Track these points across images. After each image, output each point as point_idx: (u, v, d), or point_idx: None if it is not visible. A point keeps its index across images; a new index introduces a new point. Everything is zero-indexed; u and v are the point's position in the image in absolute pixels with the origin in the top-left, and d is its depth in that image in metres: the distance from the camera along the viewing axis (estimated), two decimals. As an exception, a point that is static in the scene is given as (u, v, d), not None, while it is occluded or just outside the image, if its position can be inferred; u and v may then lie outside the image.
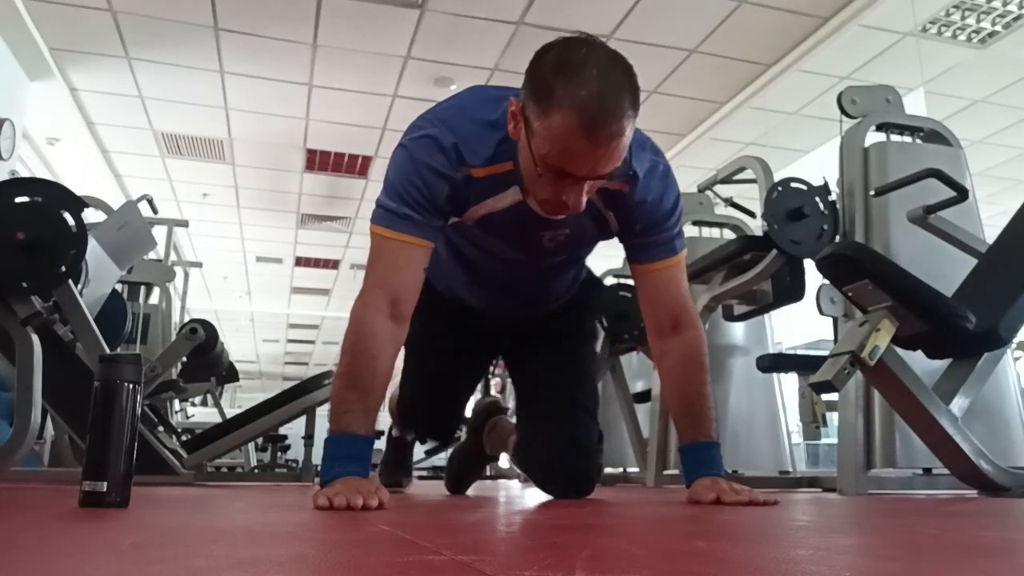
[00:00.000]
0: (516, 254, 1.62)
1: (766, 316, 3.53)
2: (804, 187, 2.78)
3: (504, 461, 6.42)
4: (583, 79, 1.18)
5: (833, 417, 2.76)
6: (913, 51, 4.90)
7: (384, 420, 1.98)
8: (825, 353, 2.00)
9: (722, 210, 3.86)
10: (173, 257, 5.25)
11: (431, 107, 1.47)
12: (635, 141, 1.39)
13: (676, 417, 1.61)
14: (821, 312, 2.66)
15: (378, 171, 7.05)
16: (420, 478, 2.49)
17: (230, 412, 3.87)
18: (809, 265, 2.67)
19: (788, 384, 3.62)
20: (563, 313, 1.92)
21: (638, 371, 4.27)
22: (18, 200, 2.14)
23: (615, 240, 1.61)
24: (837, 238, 2.72)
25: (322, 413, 2.82)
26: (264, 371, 16.73)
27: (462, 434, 2.38)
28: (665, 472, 3.13)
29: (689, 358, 1.55)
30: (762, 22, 4.72)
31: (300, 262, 9.97)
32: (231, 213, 8.16)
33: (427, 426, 2.13)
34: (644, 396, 3.72)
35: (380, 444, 2.53)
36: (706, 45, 5.00)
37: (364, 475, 1.30)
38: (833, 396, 2.58)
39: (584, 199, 1.29)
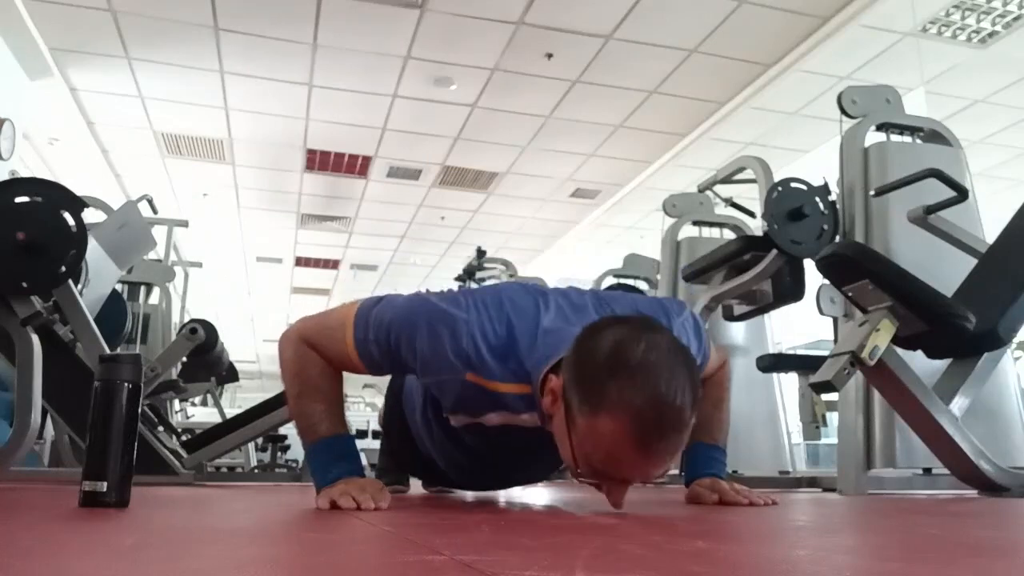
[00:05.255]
0: (522, 454, 1.53)
1: (766, 316, 3.53)
2: (804, 187, 2.78)
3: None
4: (639, 384, 1.03)
5: (833, 417, 2.76)
6: (913, 51, 4.89)
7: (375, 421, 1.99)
8: (825, 353, 2.00)
9: (722, 210, 3.86)
10: (173, 257, 5.25)
11: (475, 293, 1.34)
12: (665, 309, 1.38)
13: None
14: (821, 312, 2.66)
15: (378, 171, 7.06)
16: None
17: (230, 412, 3.86)
18: (809, 265, 2.67)
19: (788, 384, 3.62)
20: None
21: (638, 371, 4.26)
22: (18, 200, 2.14)
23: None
24: (837, 238, 2.72)
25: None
26: (264, 371, 16.72)
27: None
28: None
29: (712, 385, 1.57)
30: (762, 22, 4.71)
31: (300, 262, 9.97)
32: (231, 213, 8.16)
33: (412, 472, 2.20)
34: (644, 396, 3.71)
35: (376, 445, 2.53)
36: (706, 45, 4.99)
37: (361, 473, 1.29)
38: (833, 396, 2.58)
39: (625, 498, 1.16)
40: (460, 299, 1.30)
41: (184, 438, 3.15)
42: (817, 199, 2.76)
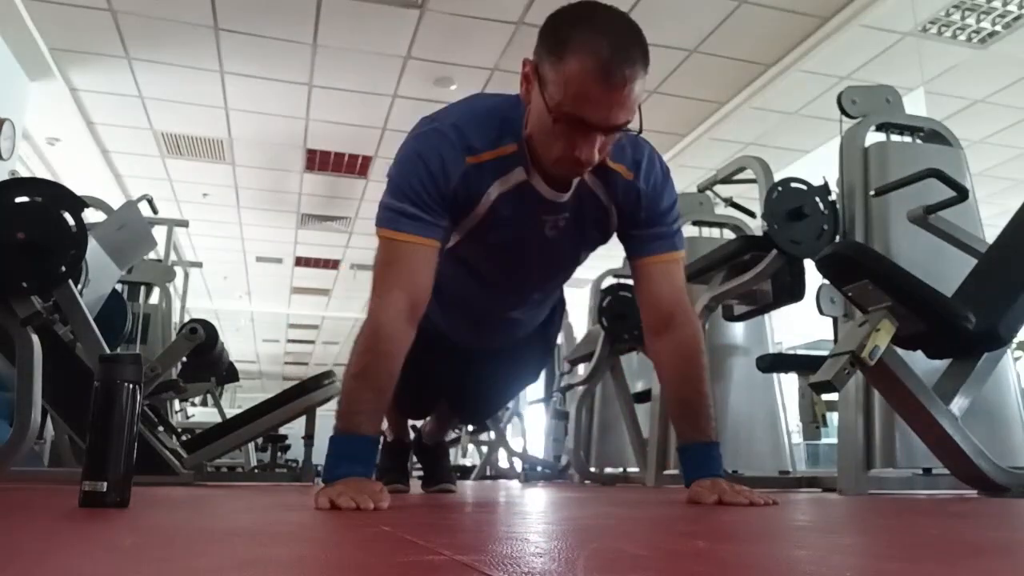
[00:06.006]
0: (515, 256, 1.59)
1: (766, 316, 3.53)
2: (804, 187, 2.77)
3: (503, 461, 6.42)
4: (597, 29, 1.24)
5: (833, 417, 2.76)
6: (913, 51, 4.90)
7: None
8: (825, 353, 2.00)
9: (722, 210, 3.86)
10: (173, 257, 5.25)
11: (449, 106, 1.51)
12: (635, 139, 1.43)
13: (674, 416, 1.61)
14: (821, 312, 2.65)
15: (378, 171, 7.05)
16: (418, 478, 2.49)
17: (230, 412, 3.87)
18: (809, 265, 2.67)
19: (788, 384, 3.62)
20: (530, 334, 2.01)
21: (638, 371, 4.27)
22: (18, 200, 2.14)
23: (615, 239, 1.61)
24: (837, 238, 2.72)
25: (323, 413, 2.82)
26: (264, 371, 16.73)
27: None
28: (665, 472, 3.13)
29: (684, 356, 1.54)
30: (762, 22, 4.71)
31: (300, 262, 9.96)
32: (231, 213, 8.16)
33: (402, 404, 2.24)
34: (644, 396, 3.72)
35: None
36: (706, 45, 5.00)
37: (368, 476, 1.29)
38: (833, 396, 2.58)
39: (596, 153, 1.29)
40: (426, 119, 1.46)
41: (184, 438, 3.15)
42: (817, 199, 2.76)
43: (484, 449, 6.83)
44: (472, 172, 1.39)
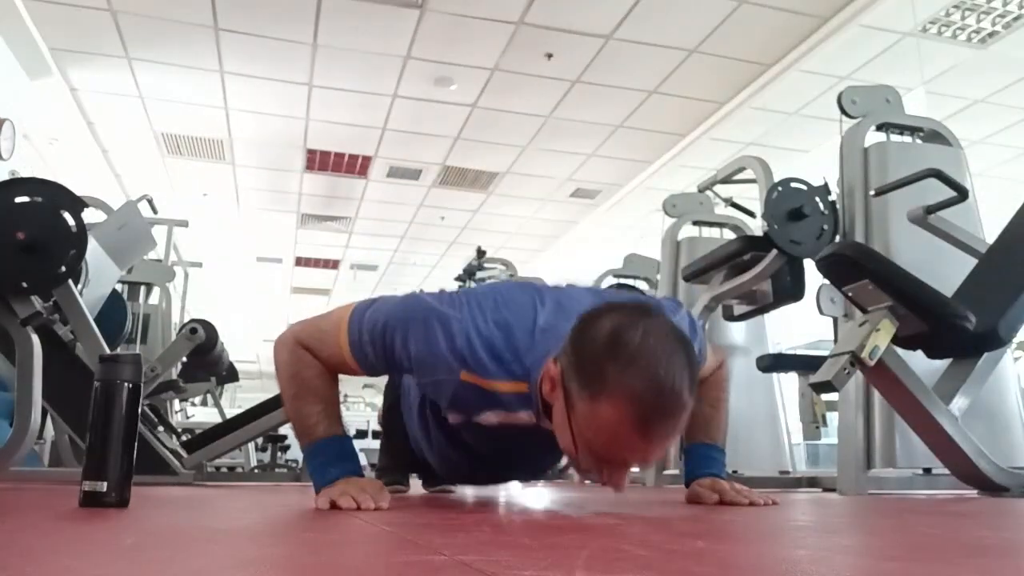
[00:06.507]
0: (515, 443, 1.48)
1: (766, 316, 3.53)
2: (804, 187, 2.78)
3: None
4: (638, 368, 1.03)
5: (833, 417, 2.76)
6: (913, 51, 4.89)
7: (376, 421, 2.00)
8: (825, 353, 2.00)
9: (722, 210, 3.86)
10: (173, 257, 5.25)
11: (470, 293, 1.34)
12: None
13: (688, 426, 1.62)
14: (821, 312, 2.66)
15: (378, 171, 7.06)
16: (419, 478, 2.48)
17: (230, 412, 3.86)
18: (809, 265, 2.67)
19: (788, 384, 3.62)
20: None
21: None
22: (18, 200, 2.14)
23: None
24: (837, 238, 2.72)
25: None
26: (264, 371, 16.73)
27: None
28: (665, 472, 3.13)
29: (709, 384, 1.58)
30: (762, 22, 4.71)
31: (300, 262, 9.97)
32: (231, 213, 8.16)
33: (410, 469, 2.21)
34: (644, 396, 3.71)
35: (376, 445, 2.53)
36: (706, 45, 4.99)
37: (360, 473, 1.29)
38: (833, 396, 2.58)
39: (627, 481, 1.16)
40: (455, 298, 1.31)
41: (184, 438, 3.15)
42: (817, 199, 2.76)
43: (484, 449, 6.82)
44: (469, 388, 1.28)
